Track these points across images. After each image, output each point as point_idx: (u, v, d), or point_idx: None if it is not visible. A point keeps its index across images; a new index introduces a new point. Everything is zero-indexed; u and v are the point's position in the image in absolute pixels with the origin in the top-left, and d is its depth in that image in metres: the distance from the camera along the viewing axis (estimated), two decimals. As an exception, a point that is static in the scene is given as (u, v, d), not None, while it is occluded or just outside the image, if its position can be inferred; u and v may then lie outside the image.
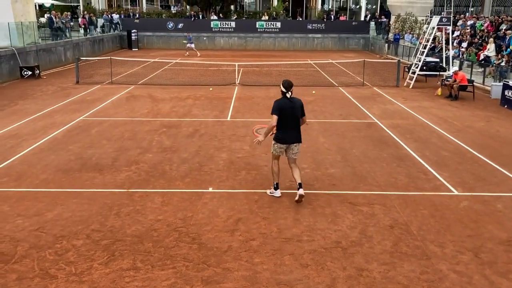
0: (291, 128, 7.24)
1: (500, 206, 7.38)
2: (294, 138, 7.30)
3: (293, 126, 7.25)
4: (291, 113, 7.17)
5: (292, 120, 7.19)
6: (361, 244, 6.10)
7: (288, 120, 7.17)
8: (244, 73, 22.28)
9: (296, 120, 7.24)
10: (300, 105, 7.29)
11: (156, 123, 12.52)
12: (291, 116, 7.17)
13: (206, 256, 5.75)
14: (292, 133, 7.26)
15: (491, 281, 5.29)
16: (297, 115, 7.23)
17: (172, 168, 8.98)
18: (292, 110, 7.17)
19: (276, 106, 7.21)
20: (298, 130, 7.32)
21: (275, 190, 7.59)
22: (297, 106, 7.22)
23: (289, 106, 7.16)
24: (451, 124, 12.77)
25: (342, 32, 37.32)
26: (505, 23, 23.26)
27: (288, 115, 7.15)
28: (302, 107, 7.32)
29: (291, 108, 7.17)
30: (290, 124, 7.20)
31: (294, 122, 7.23)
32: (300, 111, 7.26)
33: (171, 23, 36.90)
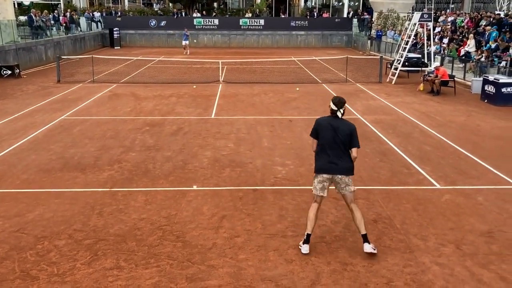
0: (332, 155, 5.59)
1: (481, 198, 7.49)
2: (341, 167, 5.58)
3: (335, 152, 5.58)
4: (332, 135, 5.56)
5: (333, 143, 5.57)
6: (345, 239, 6.14)
7: (328, 143, 5.59)
8: (228, 70, 22.23)
9: (339, 145, 5.57)
10: (349, 130, 5.58)
11: (139, 122, 12.41)
12: (332, 139, 5.57)
13: (190, 253, 5.72)
14: (336, 159, 5.58)
15: (472, 272, 5.37)
16: (342, 140, 5.56)
17: (155, 166, 8.92)
18: (334, 131, 5.56)
19: (314, 125, 5.78)
20: (343, 159, 5.60)
21: (303, 243, 5.76)
22: (343, 129, 5.56)
23: (331, 126, 5.59)
24: (433, 119, 12.92)
25: (325, 29, 37.47)
26: (485, 19, 23.63)
27: (328, 137, 5.58)
28: (352, 135, 5.57)
29: (333, 128, 5.57)
30: (330, 148, 5.59)
31: (336, 147, 5.57)
32: (347, 138, 5.56)
33: (154, 21, 36.62)
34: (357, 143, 5.63)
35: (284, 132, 11.43)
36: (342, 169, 5.60)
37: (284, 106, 14.62)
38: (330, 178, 5.66)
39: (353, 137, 5.59)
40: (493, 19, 23.20)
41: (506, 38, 20.06)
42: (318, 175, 5.70)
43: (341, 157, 5.59)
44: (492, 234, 6.31)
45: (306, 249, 5.71)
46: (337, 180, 5.65)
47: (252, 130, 11.60)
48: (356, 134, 5.62)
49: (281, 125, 12.12)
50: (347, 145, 5.59)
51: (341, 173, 5.60)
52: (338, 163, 5.58)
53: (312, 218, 5.73)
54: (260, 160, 9.33)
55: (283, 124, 12.28)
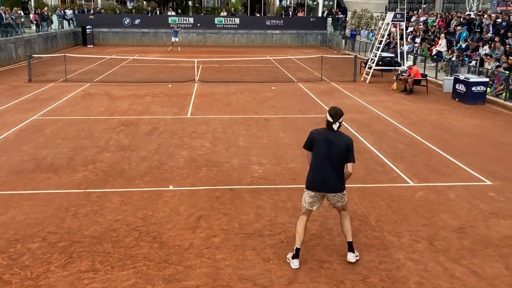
0: (327, 170, 5.29)
1: (453, 195, 7.68)
2: (330, 184, 5.32)
3: (328, 168, 5.28)
4: (327, 150, 5.26)
5: (327, 159, 5.26)
6: (322, 237, 6.20)
7: (322, 158, 5.30)
8: (203, 69, 22.13)
9: (333, 161, 5.26)
10: (345, 145, 5.25)
11: (114, 121, 12.24)
12: (326, 154, 5.27)
13: (167, 254, 5.68)
14: (327, 176, 5.30)
15: (445, 268, 5.50)
16: (337, 155, 5.25)
17: (131, 167, 8.81)
18: (329, 145, 5.26)
19: (309, 136, 5.48)
20: (335, 176, 5.31)
21: (292, 258, 5.46)
22: (339, 143, 5.25)
23: (326, 140, 5.28)
24: (406, 117, 13.16)
25: (300, 28, 37.68)
26: (455, 20, 24.18)
27: (323, 152, 5.29)
28: (348, 149, 5.25)
29: (328, 142, 5.26)
30: (323, 163, 5.29)
31: (329, 163, 5.26)
32: (343, 153, 5.24)
33: (128, 19, 36.14)
34: (353, 158, 5.31)
35: (260, 131, 11.46)
36: (333, 187, 5.34)
37: (260, 105, 14.65)
38: (322, 195, 5.44)
39: (349, 152, 5.26)
40: (463, 19, 23.78)
41: (476, 38, 20.59)
42: (308, 190, 5.44)
43: (333, 174, 5.29)
44: (464, 229, 6.48)
45: (296, 264, 5.41)
46: (329, 196, 5.44)
47: (229, 129, 11.59)
48: (352, 149, 5.30)
49: (258, 124, 12.14)
50: (341, 160, 5.29)
51: (333, 191, 5.37)
52: (330, 180, 5.30)
53: (301, 232, 5.41)
54: (237, 159, 9.33)
55: (259, 123, 12.31)
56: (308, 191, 5.44)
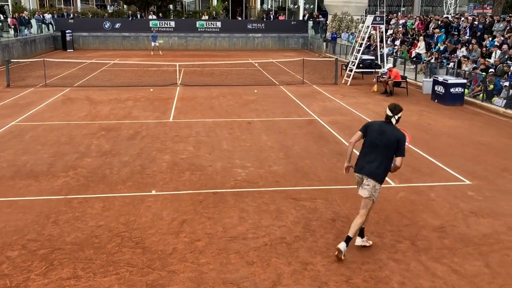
0: (372, 156, 5.63)
1: (433, 195, 7.80)
2: (369, 168, 5.63)
3: (372, 154, 5.63)
4: (376, 138, 5.60)
5: (374, 146, 5.61)
6: (305, 239, 6.23)
7: (370, 144, 5.66)
8: (185, 73, 22.06)
9: (379, 149, 5.58)
10: (396, 138, 5.53)
11: (95, 126, 12.11)
12: (374, 141, 5.61)
13: (150, 260, 5.64)
14: (370, 161, 5.63)
15: (426, 267, 5.58)
16: (385, 145, 5.55)
17: (112, 172, 8.73)
18: (380, 135, 5.59)
19: (367, 123, 5.92)
20: (379, 164, 5.60)
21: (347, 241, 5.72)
22: (389, 135, 5.55)
23: (379, 129, 5.65)
24: (387, 119, 13.29)
25: (281, 32, 37.86)
26: (433, 22, 24.59)
27: (372, 138, 5.64)
28: (399, 142, 5.52)
29: (380, 131, 5.61)
30: (369, 149, 5.66)
31: (375, 150, 5.61)
32: (392, 144, 5.52)
33: (108, 23, 35.83)
34: (403, 153, 5.56)
35: (243, 135, 11.47)
36: (371, 171, 5.64)
37: (243, 108, 14.67)
38: (361, 177, 5.75)
39: (399, 145, 5.53)
40: (441, 22, 24.19)
41: (454, 41, 20.97)
42: (355, 174, 5.87)
43: (374, 161, 5.60)
44: (444, 229, 6.58)
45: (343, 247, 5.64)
46: (364, 180, 5.70)
47: (211, 133, 11.57)
48: (403, 143, 5.55)
49: (240, 128, 12.15)
50: (388, 151, 5.56)
51: (367, 174, 5.65)
52: (371, 166, 5.62)
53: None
54: (220, 162, 9.32)
55: (242, 126, 12.32)
56: (356, 174, 5.84)
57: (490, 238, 6.32)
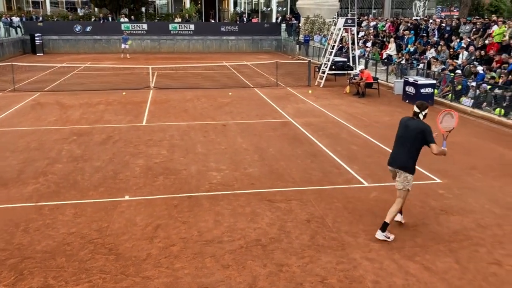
0: (401, 149, 6.25)
1: (405, 194, 7.93)
2: (399, 162, 6.24)
3: (400, 148, 6.27)
4: (402, 132, 6.29)
5: (401, 140, 6.28)
6: (280, 240, 6.25)
7: (398, 139, 6.34)
8: (158, 76, 21.86)
9: (405, 142, 6.20)
10: (420, 129, 6.09)
11: (65, 131, 11.87)
12: (401, 135, 6.30)
13: (124, 266, 5.56)
14: (400, 154, 6.26)
15: (399, 265, 5.68)
16: (409, 137, 6.16)
17: (84, 177, 8.57)
18: (405, 128, 6.25)
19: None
20: (408, 156, 6.18)
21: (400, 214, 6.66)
22: (413, 127, 6.15)
23: (405, 124, 6.31)
24: (360, 120, 13.50)
25: (255, 34, 37.94)
26: (403, 24, 25.08)
27: (399, 133, 6.35)
28: (424, 133, 6.05)
29: (405, 126, 6.27)
30: (397, 144, 6.33)
31: (402, 144, 6.24)
32: (416, 135, 6.10)
33: (79, 26, 35.18)
34: (433, 140, 6.07)
35: (218, 137, 11.44)
36: (399, 164, 6.25)
37: (217, 111, 14.63)
38: (395, 170, 6.34)
39: (425, 135, 6.05)
40: (410, 24, 24.69)
41: (423, 42, 21.44)
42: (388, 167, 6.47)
43: (404, 153, 6.21)
44: (417, 227, 6.71)
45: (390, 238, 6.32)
46: (397, 172, 6.29)
47: (186, 136, 11.50)
48: (428, 132, 6.06)
49: (215, 130, 12.12)
50: (415, 143, 6.12)
51: (398, 167, 6.26)
52: (400, 158, 6.25)
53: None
54: (195, 166, 9.27)
55: (217, 129, 12.29)
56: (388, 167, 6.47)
57: (460, 234, 6.49)
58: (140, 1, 37.08)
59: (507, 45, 16.87)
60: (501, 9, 46.56)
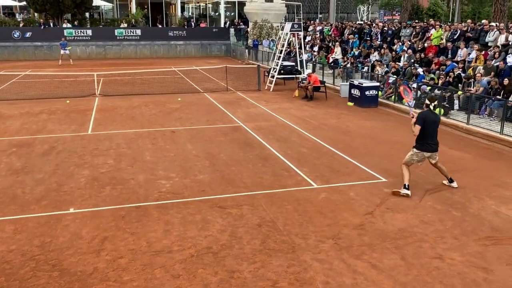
0: (434, 138, 8.01)
1: (353, 194, 8.14)
2: (436, 147, 8.07)
3: (434, 137, 8.00)
4: (434, 126, 7.96)
5: (433, 132, 7.97)
6: (231, 247, 6.22)
7: (431, 132, 7.93)
8: (104, 83, 21.27)
9: (435, 132, 8.01)
10: (440, 120, 8.25)
11: (4, 143, 11.28)
12: (433, 129, 7.95)
13: (69, 282, 5.34)
14: (435, 141, 8.02)
15: (348, 264, 5.79)
16: (437, 127, 8.02)
17: (25, 191, 8.17)
18: (435, 123, 7.97)
19: (420, 116, 7.88)
20: (437, 141, 8.09)
21: (407, 189, 8.05)
22: (438, 119, 8.10)
23: (433, 119, 7.95)
24: (308, 123, 13.73)
25: (203, 39, 37.78)
26: (348, 28, 25.79)
27: (432, 127, 7.93)
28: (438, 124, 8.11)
29: (434, 121, 7.96)
30: (432, 135, 7.96)
31: (435, 134, 8.00)
32: (439, 124, 8.09)
33: (18, 32, 33.66)
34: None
35: (167, 144, 11.26)
36: (436, 149, 8.10)
37: (166, 117, 14.42)
38: (429, 155, 8.06)
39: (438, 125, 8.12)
40: (354, 28, 25.44)
41: (367, 46, 22.13)
42: (424, 152, 8.04)
43: (436, 140, 8.07)
44: (364, 226, 6.88)
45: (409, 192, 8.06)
46: (433, 156, 8.11)
47: (133, 144, 11.24)
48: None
49: (164, 137, 11.92)
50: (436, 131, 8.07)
51: (436, 151, 8.13)
52: (435, 145, 8.05)
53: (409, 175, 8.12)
54: (143, 175, 9.07)
55: (166, 136, 12.10)
56: (422, 152, 8.04)
57: (405, 232, 6.71)
58: (84, 6, 35.97)
59: (444, 48, 17.73)
60: (439, 13, 48.99)
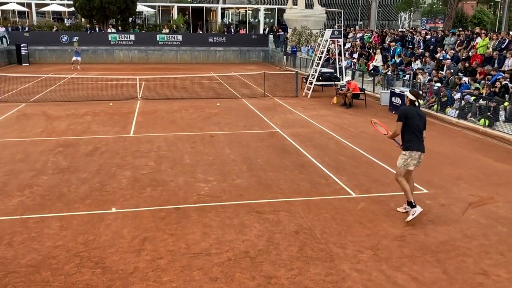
0: (420, 137, 7.14)
1: (393, 204, 7.98)
2: (423, 147, 7.19)
3: (420, 135, 7.13)
4: (419, 121, 7.09)
5: (417, 127, 7.10)
6: (269, 252, 6.23)
7: (418, 128, 7.10)
8: (146, 86, 21.80)
9: (422, 129, 7.15)
10: (425, 117, 7.29)
11: (51, 143, 11.74)
12: (418, 123, 7.10)
13: (110, 280, 5.49)
14: (421, 141, 7.16)
15: (387, 276, 5.69)
16: (423, 123, 7.15)
17: (70, 190, 8.47)
18: (419, 118, 7.13)
19: (401, 113, 7.19)
20: (423, 140, 7.19)
21: (412, 208, 7.14)
22: (423, 115, 7.21)
23: (417, 114, 7.14)
24: (347, 131, 13.59)
25: (242, 45, 38.14)
26: (389, 36, 25.42)
27: (416, 122, 7.08)
28: (425, 120, 7.26)
29: (419, 116, 7.13)
30: (420, 132, 7.14)
31: (420, 131, 7.13)
32: (425, 122, 7.22)
33: (65, 36, 35.03)
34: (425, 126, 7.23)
35: (206, 148, 11.41)
36: (424, 149, 7.19)
37: (205, 121, 14.62)
38: (421, 154, 7.13)
39: (425, 122, 7.20)
40: (396, 35, 25.05)
41: (409, 53, 21.74)
42: (413, 153, 7.08)
43: (422, 139, 7.16)
44: (404, 237, 6.74)
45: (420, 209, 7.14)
46: (421, 158, 7.17)
47: (173, 147, 11.45)
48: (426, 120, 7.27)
49: (203, 141, 12.09)
50: (423, 128, 7.17)
51: (424, 151, 7.19)
52: (423, 144, 7.16)
53: (409, 187, 7.18)
54: (182, 177, 9.22)
55: (205, 140, 12.26)
56: (415, 152, 7.09)
57: (447, 245, 6.53)
58: (128, 12, 37.06)
59: (490, 57, 17.18)
60: (484, 21, 47.52)
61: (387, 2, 56.20)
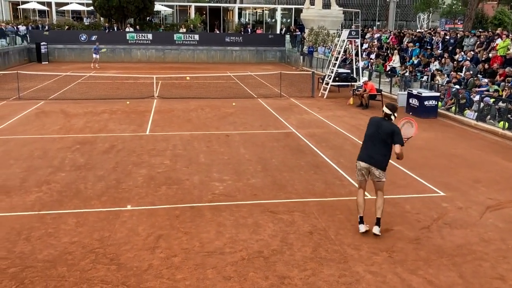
0: (372, 147, 6.62)
1: (408, 207, 7.90)
2: (371, 158, 6.59)
3: (374, 146, 6.59)
4: (374, 132, 6.61)
5: (373, 138, 6.61)
6: (282, 252, 6.22)
7: (370, 138, 6.67)
8: (163, 85, 21.96)
9: (379, 141, 6.55)
10: (391, 130, 6.49)
11: (69, 140, 11.91)
12: (373, 134, 6.62)
13: (125, 276, 5.54)
14: (371, 152, 6.61)
15: (402, 279, 5.63)
16: (382, 137, 6.53)
17: (87, 186, 8.58)
18: (377, 128, 6.61)
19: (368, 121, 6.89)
20: (379, 154, 6.56)
21: (359, 224, 6.79)
22: (385, 127, 6.54)
23: (376, 124, 6.69)
24: (363, 132, 13.30)
25: (259, 45, 38.14)
26: (407, 37, 25.15)
27: (370, 132, 6.68)
28: (394, 133, 6.47)
29: (377, 126, 6.64)
30: (371, 142, 6.65)
31: (375, 142, 6.58)
32: (388, 136, 6.49)
33: (84, 35, 35.48)
34: (400, 141, 6.49)
35: (221, 147, 11.44)
36: (376, 161, 6.59)
37: (221, 121, 14.66)
38: (367, 167, 6.64)
39: (394, 135, 6.49)
40: (414, 36, 24.77)
41: (427, 54, 21.48)
42: (357, 162, 6.78)
43: (376, 151, 6.58)
44: (420, 240, 6.66)
45: (363, 228, 6.73)
46: (372, 170, 6.63)
47: (189, 146, 11.51)
48: (398, 134, 6.52)
49: (218, 140, 12.13)
50: (386, 142, 6.53)
51: (375, 164, 6.60)
52: (375, 156, 6.59)
53: (361, 202, 6.78)
54: (197, 176, 9.26)
55: (220, 139, 12.30)
56: (358, 162, 6.76)
57: (463, 249, 6.43)
58: (146, 11, 37.38)
59: (511, 59, 16.87)
60: (505, 22, 46.68)
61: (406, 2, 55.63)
